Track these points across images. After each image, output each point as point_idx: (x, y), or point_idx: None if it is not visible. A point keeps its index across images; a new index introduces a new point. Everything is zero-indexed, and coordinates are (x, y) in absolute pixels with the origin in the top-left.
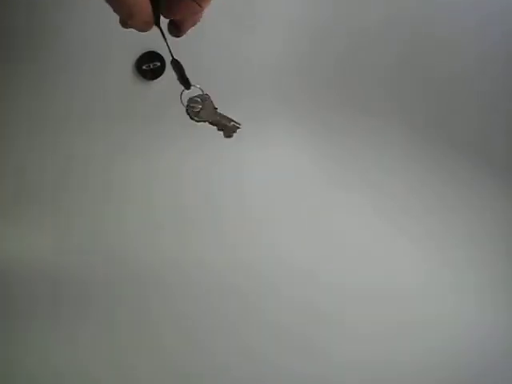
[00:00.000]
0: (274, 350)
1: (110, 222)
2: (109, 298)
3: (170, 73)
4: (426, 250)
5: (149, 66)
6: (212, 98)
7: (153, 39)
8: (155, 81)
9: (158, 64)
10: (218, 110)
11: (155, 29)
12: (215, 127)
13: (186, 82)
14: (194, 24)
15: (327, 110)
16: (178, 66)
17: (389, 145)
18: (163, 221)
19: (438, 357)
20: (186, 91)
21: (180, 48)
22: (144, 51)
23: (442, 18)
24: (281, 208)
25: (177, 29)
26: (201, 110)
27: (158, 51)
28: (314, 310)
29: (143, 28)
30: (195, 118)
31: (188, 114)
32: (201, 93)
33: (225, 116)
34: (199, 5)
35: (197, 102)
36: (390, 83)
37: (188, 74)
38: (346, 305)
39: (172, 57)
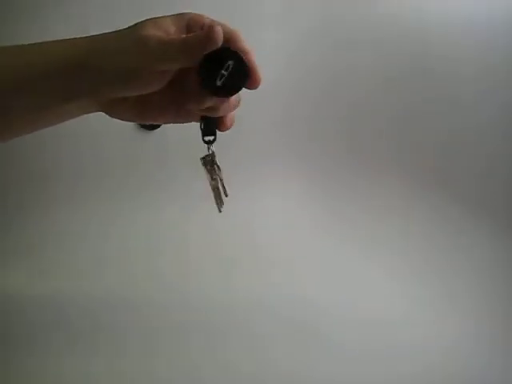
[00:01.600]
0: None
1: (111, 279)
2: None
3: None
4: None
5: None
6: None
7: None
8: (154, 131)
9: None
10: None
11: None
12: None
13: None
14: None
15: (332, 162)
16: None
17: (389, 197)
18: (169, 271)
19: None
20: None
21: None
22: None
23: (442, 75)
24: (277, 255)
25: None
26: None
27: None
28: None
29: None
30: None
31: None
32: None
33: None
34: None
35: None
36: (391, 138)
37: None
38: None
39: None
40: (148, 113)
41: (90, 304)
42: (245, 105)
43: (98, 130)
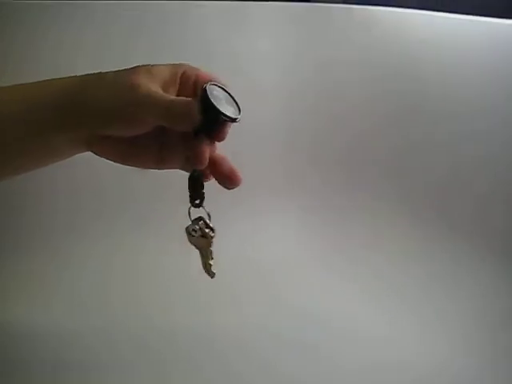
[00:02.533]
0: None
1: (115, 310)
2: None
3: None
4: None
5: None
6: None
7: None
8: None
9: None
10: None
11: None
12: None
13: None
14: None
15: (331, 190)
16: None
17: (388, 227)
18: (176, 302)
19: None
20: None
21: None
22: None
23: (442, 111)
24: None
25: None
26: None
27: None
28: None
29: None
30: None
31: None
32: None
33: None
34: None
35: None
36: (392, 169)
37: None
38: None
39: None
40: (132, 154)
41: (93, 337)
42: (244, 137)
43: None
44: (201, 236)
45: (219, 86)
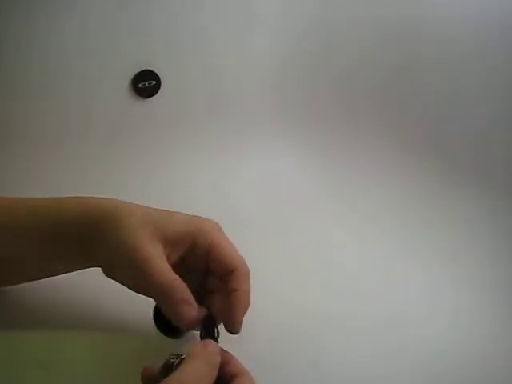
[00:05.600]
0: None
1: None
2: None
3: (165, 91)
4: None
5: (144, 85)
6: None
7: (149, 57)
8: (151, 99)
9: (154, 82)
10: None
11: (151, 46)
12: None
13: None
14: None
15: (324, 123)
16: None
17: (383, 157)
18: None
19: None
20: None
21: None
22: (140, 70)
23: (432, 33)
24: (275, 221)
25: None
26: None
27: (154, 70)
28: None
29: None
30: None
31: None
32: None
33: None
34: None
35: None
36: (381, 100)
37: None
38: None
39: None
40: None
41: None
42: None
43: (92, 99)
44: None
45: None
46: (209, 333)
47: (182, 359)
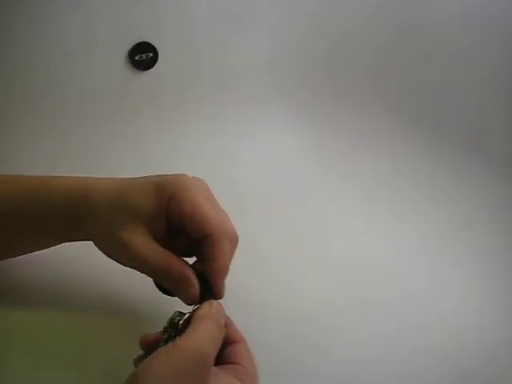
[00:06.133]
0: None
1: None
2: None
3: (162, 63)
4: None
5: (141, 57)
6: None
7: (146, 30)
8: (148, 71)
9: (151, 55)
10: None
11: (149, 19)
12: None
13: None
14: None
15: (319, 99)
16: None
17: (378, 133)
18: None
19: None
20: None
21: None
22: (137, 42)
23: (430, 6)
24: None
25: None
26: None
27: (151, 42)
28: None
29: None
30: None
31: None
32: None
33: None
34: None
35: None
36: (378, 73)
37: (184, 63)
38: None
39: None
40: None
41: None
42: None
43: (89, 71)
44: None
45: None
46: (209, 291)
47: (187, 318)
